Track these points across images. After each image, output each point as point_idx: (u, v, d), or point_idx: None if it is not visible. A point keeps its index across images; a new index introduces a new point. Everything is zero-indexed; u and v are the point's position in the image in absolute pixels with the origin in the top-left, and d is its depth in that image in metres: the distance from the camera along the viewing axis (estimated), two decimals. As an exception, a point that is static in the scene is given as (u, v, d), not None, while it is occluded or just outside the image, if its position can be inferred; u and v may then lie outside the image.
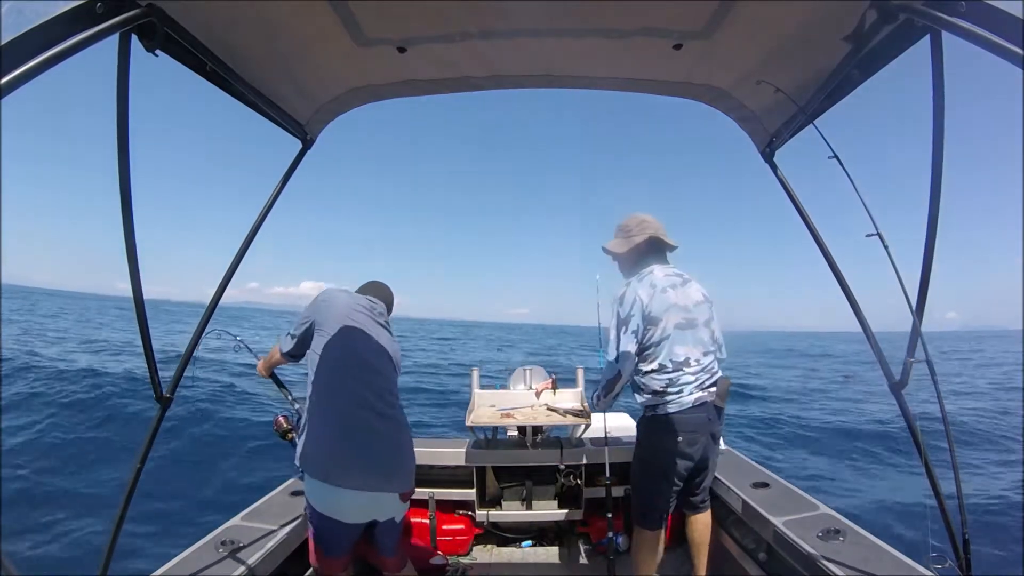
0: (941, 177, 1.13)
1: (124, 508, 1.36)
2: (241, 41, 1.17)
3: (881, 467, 6.39)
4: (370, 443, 1.64)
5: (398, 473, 1.71)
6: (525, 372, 3.19)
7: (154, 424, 1.42)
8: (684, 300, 1.92)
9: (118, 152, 1.03)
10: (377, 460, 1.65)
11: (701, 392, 1.87)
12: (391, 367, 1.82)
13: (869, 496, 5.11)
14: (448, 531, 2.61)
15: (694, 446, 1.88)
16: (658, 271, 1.95)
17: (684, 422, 1.86)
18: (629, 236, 2.02)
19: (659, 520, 1.98)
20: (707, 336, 1.95)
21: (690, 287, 1.97)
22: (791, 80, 1.33)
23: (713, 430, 1.92)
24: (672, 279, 1.95)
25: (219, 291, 1.61)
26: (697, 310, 1.93)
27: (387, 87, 1.53)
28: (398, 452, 1.72)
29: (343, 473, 1.59)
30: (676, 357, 1.87)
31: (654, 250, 2.02)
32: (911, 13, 0.91)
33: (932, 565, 1.38)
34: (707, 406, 1.88)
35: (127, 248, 1.13)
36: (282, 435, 2.06)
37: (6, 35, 0.65)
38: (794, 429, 8.52)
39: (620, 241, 2.06)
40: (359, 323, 1.77)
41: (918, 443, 1.38)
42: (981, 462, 6.12)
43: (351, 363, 1.71)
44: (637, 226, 2.02)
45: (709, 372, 1.92)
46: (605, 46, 1.32)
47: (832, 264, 1.54)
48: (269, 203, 1.65)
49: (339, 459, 1.60)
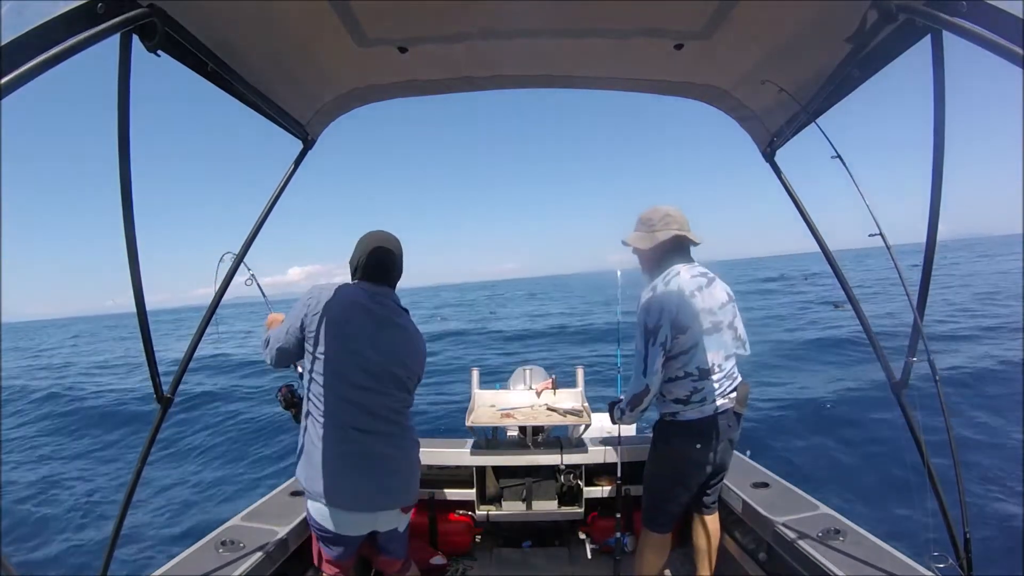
0: (942, 177, 1.13)
1: (124, 508, 1.36)
2: (242, 41, 1.16)
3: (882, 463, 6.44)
4: (370, 467, 1.58)
5: (397, 490, 1.65)
6: (525, 372, 3.19)
7: (155, 424, 1.41)
8: (711, 303, 1.83)
9: (119, 153, 1.03)
10: (377, 482, 1.59)
11: (723, 399, 1.83)
12: (395, 382, 1.60)
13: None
14: (448, 531, 2.60)
15: (711, 452, 1.84)
16: (684, 272, 1.83)
17: (705, 429, 1.81)
18: (652, 231, 1.88)
19: (669, 524, 1.96)
20: (730, 338, 1.88)
21: (715, 287, 1.87)
22: (792, 80, 1.33)
23: (732, 436, 1.89)
24: (698, 280, 1.83)
25: (220, 291, 1.61)
26: (722, 312, 1.85)
27: (388, 87, 1.53)
28: (398, 471, 1.64)
29: (342, 495, 1.56)
30: (703, 364, 1.79)
31: (679, 248, 1.89)
32: (912, 13, 0.91)
33: (933, 565, 1.38)
34: (728, 413, 1.84)
35: (128, 248, 1.13)
36: (286, 406, 1.83)
37: (6, 35, 0.65)
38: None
39: (643, 236, 1.91)
40: (356, 338, 1.55)
41: (919, 443, 1.38)
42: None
43: (348, 386, 1.54)
44: (661, 220, 1.87)
45: (731, 378, 1.88)
46: (606, 46, 1.32)
47: (833, 264, 1.54)
48: (270, 204, 1.64)
49: (338, 482, 1.56)
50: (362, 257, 1.64)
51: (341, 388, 1.53)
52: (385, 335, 1.59)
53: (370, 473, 1.58)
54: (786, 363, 9.41)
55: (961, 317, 12.24)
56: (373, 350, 1.56)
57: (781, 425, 6.14)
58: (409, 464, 1.69)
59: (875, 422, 5.67)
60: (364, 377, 1.55)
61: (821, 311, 16.87)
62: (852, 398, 6.82)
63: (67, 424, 9.32)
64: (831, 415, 6.36)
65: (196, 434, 7.89)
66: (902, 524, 3.96)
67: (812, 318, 15.47)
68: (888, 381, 1.44)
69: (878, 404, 5.99)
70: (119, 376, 15.05)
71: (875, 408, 5.99)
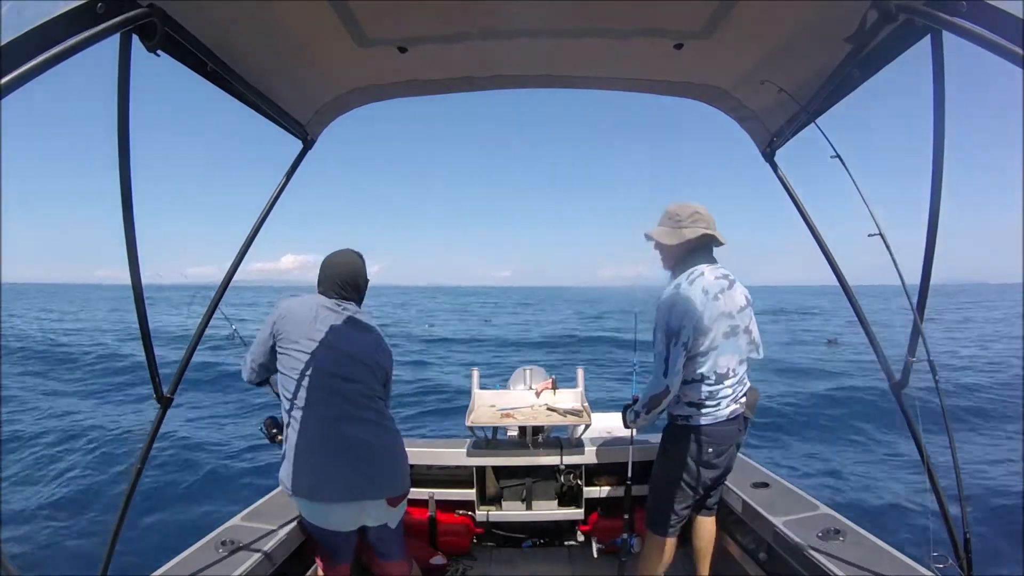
0: (942, 177, 1.13)
1: (124, 508, 1.35)
2: (242, 41, 1.16)
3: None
4: (347, 452, 1.60)
5: (380, 478, 1.66)
6: (525, 372, 3.19)
7: (154, 424, 1.41)
8: (731, 306, 1.80)
9: (119, 153, 1.03)
10: (356, 468, 1.61)
11: (735, 404, 1.83)
12: (366, 371, 1.68)
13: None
14: (448, 531, 2.60)
15: (721, 457, 1.85)
16: (708, 273, 1.80)
17: (716, 434, 1.81)
18: (679, 227, 1.83)
19: (675, 527, 1.95)
20: (744, 342, 1.86)
21: (736, 290, 1.84)
22: (792, 80, 1.33)
23: (740, 440, 1.90)
24: (721, 283, 1.80)
25: (220, 292, 1.61)
26: (740, 316, 1.83)
27: (388, 87, 1.53)
28: (380, 457, 1.66)
29: (324, 487, 1.59)
30: (719, 369, 1.78)
31: (704, 247, 1.85)
32: (912, 13, 0.90)
33: (933, 565, 1.38)
34: (739, 419, 1.84)
35: (128, 247, 1.13)
36: (270, 438, 1.86)
37: (6, 35, 0.65)
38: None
39: (669, 231, 1.85)
40: (325, 333, 1.64)
41: (919, 443, 1.38)
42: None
43: (321, 376, 1.61)
44: (689, 217, 1.82)
45: (743, 383, 1.87)
46: (605, 46, 1.32)
47: (833, 265, 1.54)
48: (270, 203, 1.64)
49: (319, 474, 1.58)
50: (328, 279, 1.76)
51: (314, 376, 1.60)
52: (352, 332, 1.70)
53: (349, 461, 1.60)
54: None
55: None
56: (342, 342, 1.65)
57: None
58: (390, 453, 1.70)
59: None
60: (335, 365, 1.63)
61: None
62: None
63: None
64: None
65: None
66: (902, 524, 3.97)
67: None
68: (888, 381, 1.44)
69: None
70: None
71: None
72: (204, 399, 8.78)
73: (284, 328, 1.64)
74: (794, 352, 14.46)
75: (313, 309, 1.68)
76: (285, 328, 1.64)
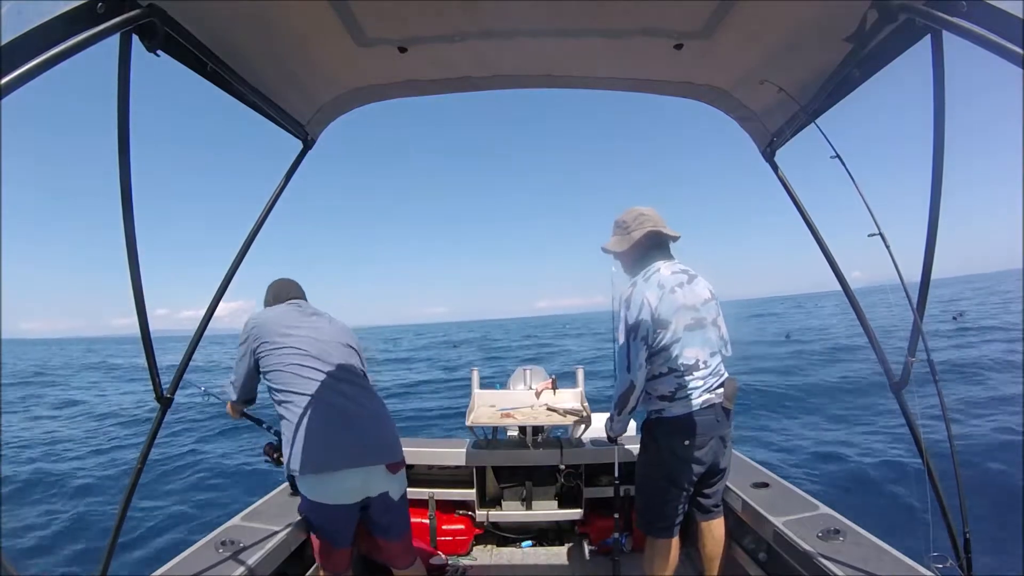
0: (942, 177, 1.13)
1: (124, 508, 1.35)
2: (242, 41, 1.16)
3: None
4: (347, 422, 1.71)
5: (381, 442, 1.77)
6: (525, 372, 3.20)
7: (154, 425, 1.41)
8: (692, 299, 1.83)
9: (119, 153, 1.03)
10: (357, 436, 1.71)
11: (709, 394, 1.82)
12: (344, 349, 1.87)
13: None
14: (448, 531, 2.60)
15: (702, 449, 1.83)
16: (664, 269, 1.85)
17: (691, 425, 1.80)
18: (627, 232, 1.91)
19: (670, 528, 1.92)
20: (714, 336, 1.88)
21: (697, 284, 1.88)
22: (792, 80, 1.33)
23: (722, 432, 1.87)
24: (679, 276, 1.85)
25: (220, 291, 1.61)
26: (705, 309, 1.85)
27: (388, 87, 1.53)
28: (378, 422, 1.79)
29: (331, 457, 1.66)
30: (686, 360, 1.80)
31: (656, 244, 1.91)
32: (912, 13, 0.91)
33: (933, 565, 1.38)
34: (715, 408, 1.83)
35: (127, 249, 1.13)
36: (274, 462, 2.02)
37: (6, 35, 0.65)
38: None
39: (619, 239, 1.95)
40: (298, 325, 1.84)
41: (919, 443, 1.38)
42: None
43: (308, 359, 1.76)
44: (634, 220, 1.91)
45: (716, 374, 1.87)
46: (605, 46, 1.32)
47: (833, 265, 1.54)
48: (269, 204, 1.64)
49: (325, 445, 1.66)
50: (278, 293, 2.01)
51: (301, 362, 1.75)
52: (320, 320, 1.92)
53: (349, 429, 1.70)
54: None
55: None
56: (315, 331, 1.85)
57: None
58: (383, 420, 1.83)
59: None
60: (319, 348, 1.80)
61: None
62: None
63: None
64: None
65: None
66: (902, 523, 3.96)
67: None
68: (888, 381, 1.44)
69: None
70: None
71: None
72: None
73: (260, 333, 1.80)
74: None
75: (279, 310, 1.91)
76: (261, 333, 1.80)
